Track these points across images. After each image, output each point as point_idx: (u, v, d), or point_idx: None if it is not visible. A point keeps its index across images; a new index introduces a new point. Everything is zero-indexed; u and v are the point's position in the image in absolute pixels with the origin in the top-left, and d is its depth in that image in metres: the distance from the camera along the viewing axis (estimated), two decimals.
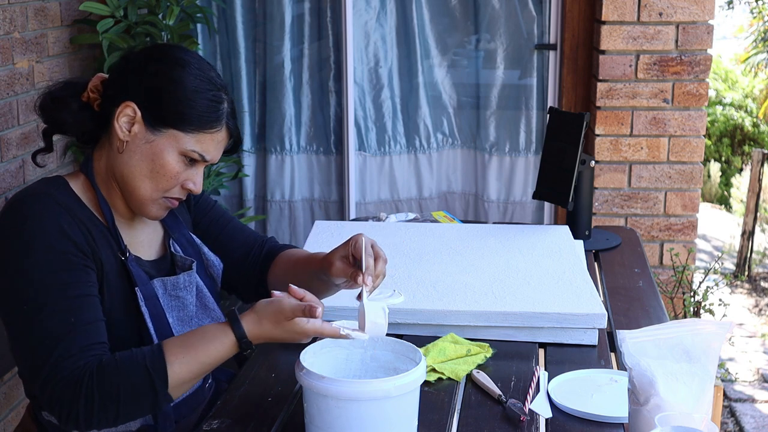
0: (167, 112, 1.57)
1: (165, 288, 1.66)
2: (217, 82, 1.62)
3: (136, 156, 1.58)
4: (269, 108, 3.88)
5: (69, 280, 1.49)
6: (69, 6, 3.13)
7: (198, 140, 1.59)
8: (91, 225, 1.57)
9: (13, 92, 2.76)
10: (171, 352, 1.47)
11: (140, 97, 1.58)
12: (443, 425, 1.54)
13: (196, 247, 1.79)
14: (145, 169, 1.59)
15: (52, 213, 1.52)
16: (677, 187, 3.47)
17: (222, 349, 1.50)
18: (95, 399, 1.43)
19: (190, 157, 1.60)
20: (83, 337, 1.46)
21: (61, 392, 1.43)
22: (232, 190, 3.96)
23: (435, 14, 3.84)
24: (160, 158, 1.58)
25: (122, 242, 1.62)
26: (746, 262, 6.47)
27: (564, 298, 1.93)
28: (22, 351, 1.49)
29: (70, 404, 1.43)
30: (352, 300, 1.92)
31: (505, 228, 2.47)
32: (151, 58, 1.61)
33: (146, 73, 1.59)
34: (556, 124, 2.56)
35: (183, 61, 1.60)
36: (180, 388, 1.49)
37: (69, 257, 1.50)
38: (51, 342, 1.45)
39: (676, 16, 3.34)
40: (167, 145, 1.58)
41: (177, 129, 1.57)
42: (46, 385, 1.44)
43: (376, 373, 1.54)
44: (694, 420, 1.27)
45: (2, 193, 2.70)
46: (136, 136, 1.58)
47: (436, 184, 3.97)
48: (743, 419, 4.01)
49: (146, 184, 1.59)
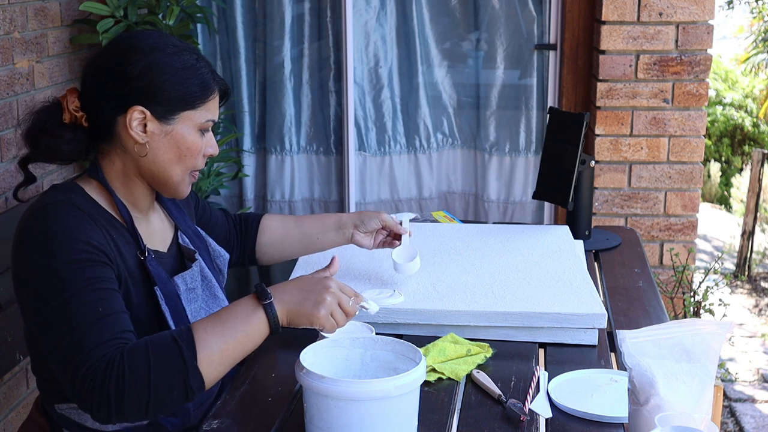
0: (172, 100, 1.61)
1: (186, 283, 1.69)
2: (188, 47, 1.66)
3: (161, 150, 1.63)
4: (269, 108, 3.88)
5: (93, 275, 1.50)
6: (69, 6, 3.13)
7: (206, 109, 1.65)
8: (111, 227, 1.59)
9: (13, 92, 2.76)
10: (196, 323, 1.49)
11: (141, 98, 1.59)
12: (443, 425, 1.54)
13: (203, 238, 1.83)
14: (174, 157, 1.64)
15: (74, 218, 1.54)
16: (677, 187, 3.47)
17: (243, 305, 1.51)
18: (126, 378, 1.40)
19: (205, 128, 1.66)
20: (112, 326, 1.47)
21: (93, 377, 1.42)
22: (232, 190, 3.96)
23: (435, 14, 3.84)
24: (184, 142, 1.63)
25: (142, 242, 1.64)
26: (746, 262, 6.47)
27: (564, 298, 1.93)
28: (55, 343, 1.48)
29: (101, 388, 1.40)
30: None
31: (505, 228, 2.47)
32: (125, 58, 1.61)
33: (132, 74, 1.59)
34: (556, 124, 2.56)
35: (154, 46, 1.62)
36: (210, 362, 1.45)
37: (91, 256, 1.52)
38: (81, 331, 1.45)
39: (676, 16, 3.34)
40: (185, 128, 1.63)
41: (188, 110, 1.62)
42: (77, 374, 1.43)
43: (376, 373, 1.54)
44: (694, 420, 1.27)
45: (2, 193, 2.69)
46: (153, 134, 1.61)
47: (436, 184, 3.97)
48: (743, 419, 4.01)
49: (177, 169, 1.65)
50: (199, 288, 1.72)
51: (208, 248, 1.84)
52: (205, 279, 1.76)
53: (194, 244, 1.79)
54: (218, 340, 1.46)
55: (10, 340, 2.31)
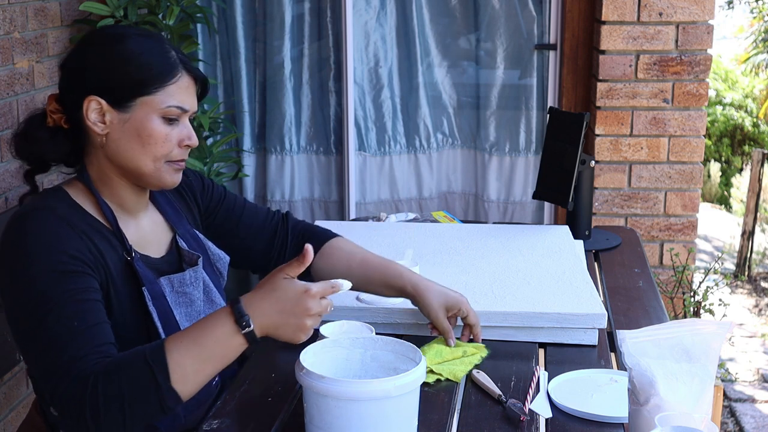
0: (126, 85, 1.58)
1: (172, 286, 1.67)
2: (155, 35, 1.65)
3: (123, 140, 1.60)
4: (269, 108, 3.88)
5: (70, 287, 1.49)
6: (69, 6, 3.13)
7: (167, 94, 1.60)
8: (92, 232, 1.58)
9: (13, 92, 2.76)
10: (170, 342, 1.44)
11: (96, 87, 1.59)
12: (443, 425, 1.54)
13: (201, 242, 1.81)
14: (137, 146, 1.60)
15: (52, 226, 1.53)
16: (677, 187, 3.47)
17: (221, 328, 1.43)
18: (100, 402, 1.40)
19: (170, 115, 1.61)
20: (90, 340, 1.46)
21: (70, 397, 1.41)
22: (232, 190, 3.95)
23: (435, 14, 3.84)
24: (144, 130, 1.59)
25: (127, 243, 1.62)
26: (746, 262, 6.47)
27: (564, 298, 1.93)
28: (34, 360, 1.49)
29: (78, 411, 1.41)
30: (352, 300, 1.93)
31: (505, 228, 2.47)
32: (85, 49, 1.62)
33: (89, 63, 1.60)
34: (556, 124, 2.56)
35: (115, 35, 1.62)
36: (186, 382, 1.42)
37: (68, 267, 1.51)
38: (58, 347, 1.45)
39: (676, 16, 3.34)
40: (144, 115, 1.59)
41: (144, 95, 1.59)
42: (55, 392, 1.43)
43: (376, 373, 1.54)
44: (694, 420, 1.27)
45: (2, 193, 2.70)
46: (112, 123, 1.59)
47: (436, 184, 3.97)
48: (743, 419, 4.01)
49: (145, 159, 1.61)
50: (194, 292, 1.71)
51: (207, 252, 1.81)
52: (204, 284, 1.75)
53: (192, 248, 1.77)
54: (193, 362, 1.43)
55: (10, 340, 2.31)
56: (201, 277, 1.73)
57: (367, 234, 2.39)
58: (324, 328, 1.72)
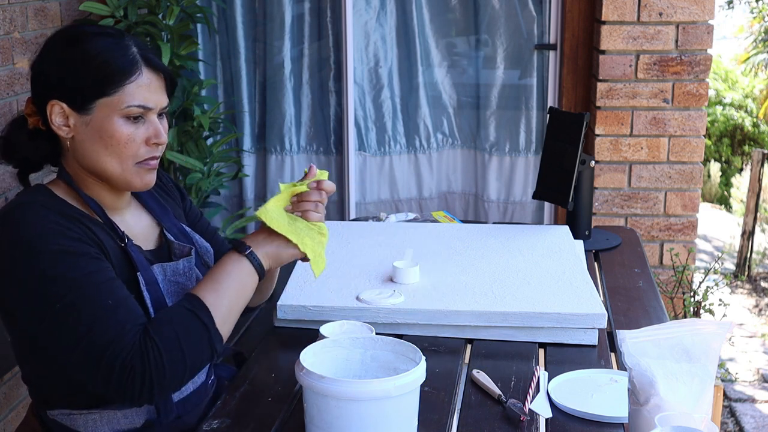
0: (85, 88, 1.56)
1: (165, 274, 1.67)
2: (115, 33, 1.62)
3: (87, 143, 1.59)
4: (269, 108, 3.88)
5: (90, 269, 1.50)
6: (69, 6, 3.13)
7: (126, 94, 1.57)
8: (85, 220, 1.57)
9: (13, 92, 2.76)
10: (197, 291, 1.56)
11: (58, 92, 1.58)
12: (443, 425, 1.54)
13: (188, 235, 1.80)
14: (101, 149, 1.58)
15: (43, 215, 1.52)
16: (677, 187, 3.47)
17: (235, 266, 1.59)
18: (162, 353, 1.47)
19: (132, 114, 1.58)
20: (127, 314, 1.49)
21: (131, 365, 1.45)
22: (232, 190, 3.96)
23: (435, 14, 3.84)
24: (106, 131, 1.57)
25: (119, 230, 1.62)
26: (746, 262, 6.47)
27: (564, 298, 1.93)
28: (66, 350, 1.48)
29: (143, 373, 1.45)
30: (352, 300, 1.93)
31: (505, 228, 2.47)
32: (46, 52, 1.61)
33: (49, 67, 1.59)
34: (556, 124, 2.56)
35: (72, 37, 1.60)
36: (224, 321, 1.55)
37: (77, 248, 1.50)
38: (99, 328, 1.46)
39: (676, 16, 3.34)
40: (104, 116, 1.57)
41: (102, 97, 1.57)
42: (112, 369, 1.45)
43: (376, 373, 1.54)
44: (694, 420, 1.27)
45: (2, 193, 2.70)
46: (76, 126, 1.58)
47: (436, 184, 3.97)
48: (743, 419, 4.01)
49: (111, 161, 1.59)
50: (186, 283, 1.70)
51: (195, 245, 1.81)
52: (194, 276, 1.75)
53: (180, 241, 1.76)
54: (224, 300, 1.56)
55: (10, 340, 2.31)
56: (194, 269, 1.73)
57: (367, 234, 2.39)
58: (324, 328, 1.72)
